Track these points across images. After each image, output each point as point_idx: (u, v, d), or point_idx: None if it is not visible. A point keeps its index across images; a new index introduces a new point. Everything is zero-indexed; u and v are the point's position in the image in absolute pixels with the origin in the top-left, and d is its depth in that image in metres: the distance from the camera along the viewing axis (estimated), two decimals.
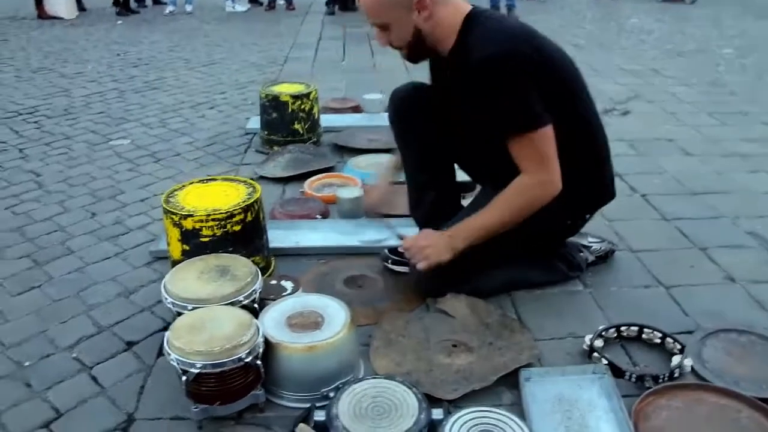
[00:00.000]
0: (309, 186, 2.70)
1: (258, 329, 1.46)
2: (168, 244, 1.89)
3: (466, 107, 1.82)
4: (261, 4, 8.86)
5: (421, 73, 2.09)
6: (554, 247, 2.04)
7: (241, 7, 8.71)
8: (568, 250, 2.07)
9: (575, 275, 2.06)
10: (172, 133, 3.61)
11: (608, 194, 1.98)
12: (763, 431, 1.46)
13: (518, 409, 1.52)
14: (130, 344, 1.79)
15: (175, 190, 1.93)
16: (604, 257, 2.17)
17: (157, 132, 3.64)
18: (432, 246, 1.77)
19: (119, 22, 7.85)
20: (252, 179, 2.75)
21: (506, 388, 1.59)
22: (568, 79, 1.79)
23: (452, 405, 1.51)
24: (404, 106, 2.00)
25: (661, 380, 1.59)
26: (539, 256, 2.02)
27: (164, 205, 1.83)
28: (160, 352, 1.67)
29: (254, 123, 3.49)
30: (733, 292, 2.03)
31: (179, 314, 1.56)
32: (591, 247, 2.13)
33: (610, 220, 2.43)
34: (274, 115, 3.12)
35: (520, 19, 1.70)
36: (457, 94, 1.83)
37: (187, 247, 1.81)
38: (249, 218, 1.86)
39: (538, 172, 1.70)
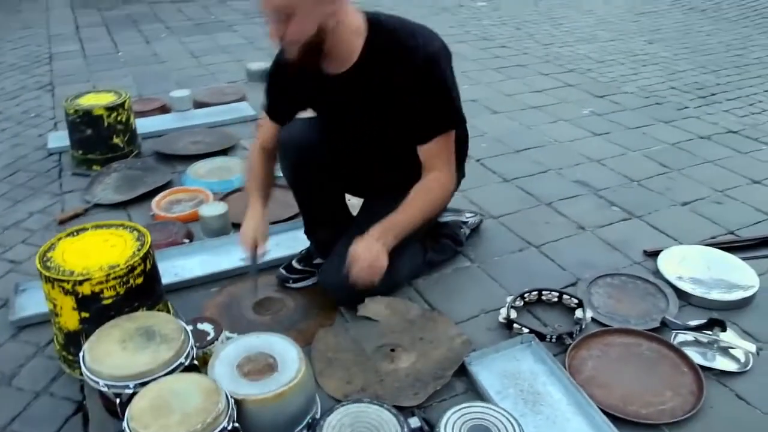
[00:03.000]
0: (158, 207, 2.50)
1: (224, 391, 1.37)
2: (58, 315, 1.65)
3: (384, 112, 1.74)
4: None
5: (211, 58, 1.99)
6: (439, 228, 2.16)
7: None
8: (451, 229, 2.20)
9: (461, 250, 2.21)
10: None
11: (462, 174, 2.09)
12: (662, 356, 1.74)
13: (474, 394, 1.63)
14: None
15: (46, 251, 1.68)
16: (476, 228, 2.34)
17: None
18: (372, 258, 1.68)
19: None
20: (86, 208, 2.52)
21: (454, 377, 1.68)
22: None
23: (417, 409, 1.57)
24: (299, 155, 1.87)
25: (575, 335, 1.80)
26: (429, 239, 2.12)
27: (45, 273, 1.59)
28: None
29: (56, 141, 3.09)
30: (587, 239, 2.34)
31: (117, 396, 1.40)
32: (468, 221, 2.29)
33: (462, 190, 2.60)
34: (89, 131, 2.80)
35: None
36: (366, 106, 1.75)
37: (87, 315, 1.61)
38: (148, 267, 1.69)
39: (449, 169, 1.78)
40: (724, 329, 1.77)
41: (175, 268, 2.13)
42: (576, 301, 1.93)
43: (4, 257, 2.27)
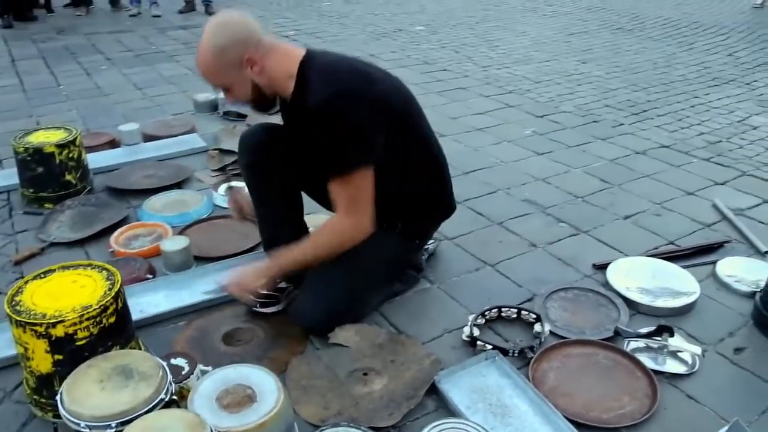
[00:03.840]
0: (117, 243, 2.49)
1: (208, 424, 1.40)
2: (29, 359, 1.64)
3: (306, 147, 1.89)
4: None
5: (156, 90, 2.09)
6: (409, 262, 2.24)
7: None
8: (413, 258, 2.28)
9: (422, 276, 2.29)
10: None
11: (450, 207, 2.20)
12: (617, 363, 1.86)
13: (445, 411, 1.70)
14: None
15: (13, 294, 1.68)
16: (433, 252, 2.43)
17: None
18: (245, 278, 1.91)
19: None
20: (42, 248, 2.50)
21: (425, 396, 1.75)
22: (403, 107, 1.94)
23: (392, 429, 1.64)
24: (257, 151, 1.99)
25: (536, 349, 1.90)
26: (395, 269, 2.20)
27: (16, 317, 1.59)
28: None
29: (3, 179, 3.03)
30: (539, 256, 2.45)
31: None
32: (428, 248, 2.37)
33: None
34: (40, 169, 2.76)
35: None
36: (299, 135, 1.90)
37: (60, 357, 1.61)
38: (120, 306, 1.71)
39: (348, 215, 1.83)
40: (672, 334, 1.90)
41: (140, 304, 2.13)
42: (534, 316, 2.03)
43: None
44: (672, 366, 1.85)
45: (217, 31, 1.72)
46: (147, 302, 2.16)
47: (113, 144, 3.49)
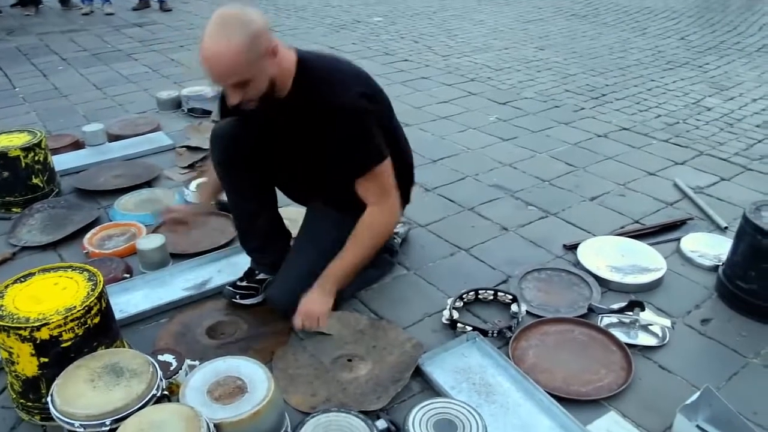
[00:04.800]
0: (90, 244, 2.47)
1: (203, 416, 1.42)
2: (14, 363, 1.63)
3: (310, 146, 1.87)
4: None
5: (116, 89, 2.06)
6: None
7: None
8: (387, 242, 2.32)
9: (396, 260, 2.33)
10: None
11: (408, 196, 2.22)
12: (593, 339, 1.93)
13: (430, 392, 1.75)
14: None
15: None
16: (405, 237, 2.48)
17: None
18: (313, 306, 1.86)
19: None
20: (14, 252, 2.46)
21: (410, 378, 1.80)
22: (386, 102, 1.99)
23: (381, 411, 1.68)
24: (230, 146, 1.97)
25: (514, 328, 1.96)
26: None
27: None
28: None
29: None
30: (511, 239, 2.52)
31: None
32: (399, 231, 2.41)
33: None
34: (5, 174, 2.72)
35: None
36: (297, 134, 1.87)
37: (46, 359, 1.60)
38: (103, 306, 1.71)
39: (381, 203, 1.88)
40: (642, 309, 1.98)
41: (119, 304, 2.12)
42: (510, 296, 2.09)
43: None
44: (644, 339, 1.93)
45: (239, 23, 1.59)
46: (126, 302, 2.16)
47: (77, 145, 3.44)
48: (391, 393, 1.72)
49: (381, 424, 1.60)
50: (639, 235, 2.46)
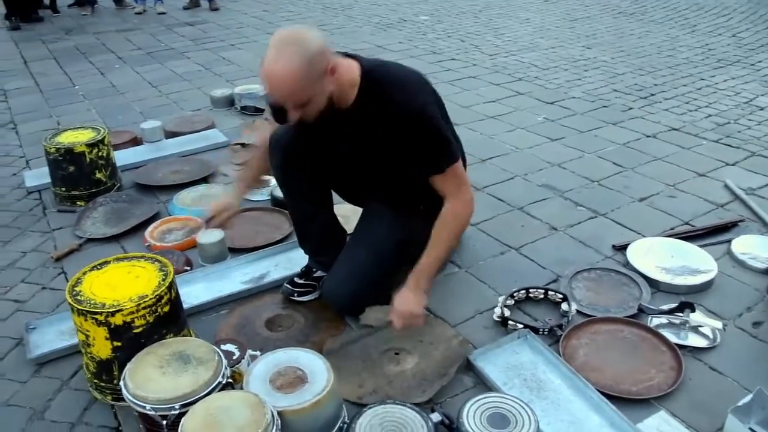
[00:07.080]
0: (152, 238, 2.58)
1: (268, 403, 1.50)
2: (90, 345, 1.74)
3: (378, 150, 1.93)
4: None
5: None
6: None
7: None
8: None
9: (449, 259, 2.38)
10: None
11: None
12: (642, 339, 1.96)
13: (483, 387, 1.80)
14: None
15: (73, 285, 1.77)
16: None
17: None
18: (412, 307, 1.89)
19: None
20: (80, 244, 2.59)
21: (462, 373, 1.85)
22: (443, 105, 2.05)
23: (435, 405, 1.73)
24: (290, 152, 2.04)
25: (564, 327, 1.99)
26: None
27: (77, 306, 1.68)
28: None
29: (34, 179, 3.12)
30: (560, 238, 2.54)
31: (163, 417, 1.52)
32: None
33: None
34: (71, 168, 2.85)
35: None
36: (362, 140, 1.92)
37: (119, 343, 1.70)
38: (173, 295, 1.80)
39: (458, 197, 1.93)
40: (693, 310, 1.99)
41: (181, 296, 2.22)
42: (560, 295, 2.13)
43: (7, 297, 2.32)
44: (694, 340, 1.94)
45: (297, 46, 1.63)
46: (187, 293, 2.24)
47: (136, 141, 3.58)
48: (436, 387, 1.78)
49: (435, 417, 1.65)
50: (689, 237, 2.46)
